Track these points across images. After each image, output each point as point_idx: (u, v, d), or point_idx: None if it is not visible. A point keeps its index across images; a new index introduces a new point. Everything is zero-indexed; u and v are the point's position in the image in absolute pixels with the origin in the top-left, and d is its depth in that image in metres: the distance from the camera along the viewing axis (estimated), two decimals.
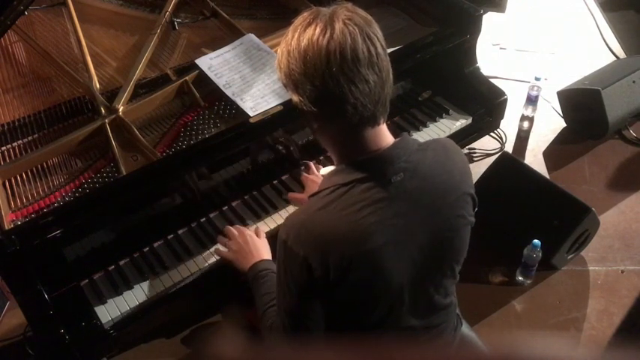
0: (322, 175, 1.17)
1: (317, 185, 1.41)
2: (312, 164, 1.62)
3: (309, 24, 1.02)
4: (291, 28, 1.06)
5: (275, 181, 1.71)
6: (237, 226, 1.54)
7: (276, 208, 1.64)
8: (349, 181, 1.07)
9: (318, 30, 1.00)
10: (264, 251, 1.44)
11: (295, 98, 1.08)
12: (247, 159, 1.64)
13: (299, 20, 1.05)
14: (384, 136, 1.11)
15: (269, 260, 1.41)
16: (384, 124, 1.10)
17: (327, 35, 0.99)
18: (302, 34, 1.02)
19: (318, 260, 1.05)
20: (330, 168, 1.14)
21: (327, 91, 1.01)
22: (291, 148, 1.67)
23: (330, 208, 1.06)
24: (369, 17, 1.05)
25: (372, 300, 1.13)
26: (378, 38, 1.04)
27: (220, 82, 1.68)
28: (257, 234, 1.51)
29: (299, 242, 1.06)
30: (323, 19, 1.02)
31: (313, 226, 1.06)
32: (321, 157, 1.75)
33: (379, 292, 1.12)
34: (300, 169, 1.66)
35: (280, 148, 1.67)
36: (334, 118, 1.06)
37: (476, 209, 1.21)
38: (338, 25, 1.00)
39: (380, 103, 1.06)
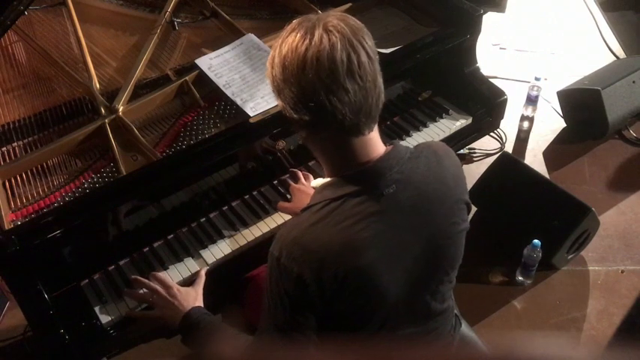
0: (313, 187, 1.15)
1: (305, 195, 1.40)
2: (299, 173, 1.57)
3: (292, 30, 1.02)
4: (279, 37, 1.05)
5: (275, 181, 1.72)
6: (158, 277, 1.41)
7: (276, 209, 1.64)
8: (340, 195, 1.06)
9: (298, 36, 1.00)
10: (191, 300, 1.35)
11: (280, 104, 1.07)
12: (247, 159, 1.64)
13: (287, 27, 1.05)
14: (374, 146, 1.09)
15: (197, 307, 1.33)
16: (373, 133, 1.08)
17: (306, 42, 0.98)
18: (284, 41, 1.02)
19: (313, 277, 1.03)
20: (321, 180, 1.13)
21: (304, 98, 1.00)
22: (281, 154, 1.64)
23: (322, 224, 1.05)
24: (359, 26, 1.03)
25: (368, 313, 1.13)
26: (363, 47, 1.01)
27: (220, 82, 1.69)
28: (199, 276, 1.45)
29: (293, 259, 1.04)
30: (305, 26, 1.01)
31: (306, 243, 1.05)
32: (311, 162, 1.74)
33: (375, 305, 1.12)
34: (287, 177, 1.63)
35: (270, 154, 1.65)
36: (316, 127, 1.04)
37: (469, 213, 1.20)
38: (318, 32, 0.99)
39: (362, 113, 1.02)
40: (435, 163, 1.14)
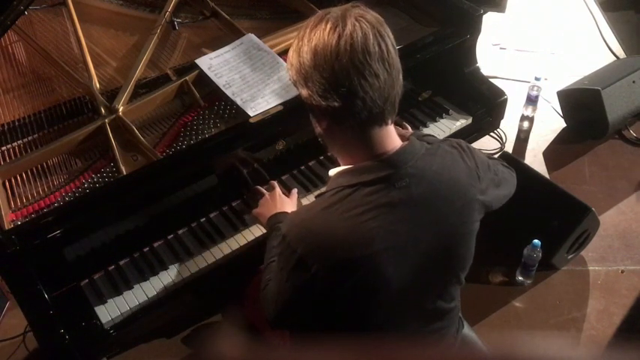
0: (330, 175, 1.17)
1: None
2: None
3: (319, 22, 1.04)
4: (303, 28, 1.07)
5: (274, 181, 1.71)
6: (273, 187, 1.56)
7: None
8: (354, 183, 1.07)
9: (329, 26, 1.02)
10: (288, 207, 1.46)
11: (305, 93, 1.07)
12: (246, 159, 1.64)
13: (309, 21, 1.06)
14: (392, 138, 1.10)
15: (286, 212, 1.42)
16: (391, 126, 1.10)
17: (339, 30, 1.00)
18: (312, 31, 1.03)
19: (315, 260, 1.05)
20: (338, 169, 1.14)
21: (336, 84, 1.01)
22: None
23: (332, 209, 1.06)
24: (380, 18, 1.06)
25: (372, 304, 1.13)
26: (389, 37, 1.05)
27: (220, 82, 1.68)
28: (291, 194, 1.56)
29: (298, 239, 1.06)
30: (334, 16, 1.03)
31: (314, 226, 1.07)
32: (311, 162, 1.75)
33: (379, 297, 1.12)
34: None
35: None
36: (343, 114, 1.04)
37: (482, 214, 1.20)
38: (350, 21, 1.01)
39: (389, 102, 1.05)
40: (451, 161, 1.14)
